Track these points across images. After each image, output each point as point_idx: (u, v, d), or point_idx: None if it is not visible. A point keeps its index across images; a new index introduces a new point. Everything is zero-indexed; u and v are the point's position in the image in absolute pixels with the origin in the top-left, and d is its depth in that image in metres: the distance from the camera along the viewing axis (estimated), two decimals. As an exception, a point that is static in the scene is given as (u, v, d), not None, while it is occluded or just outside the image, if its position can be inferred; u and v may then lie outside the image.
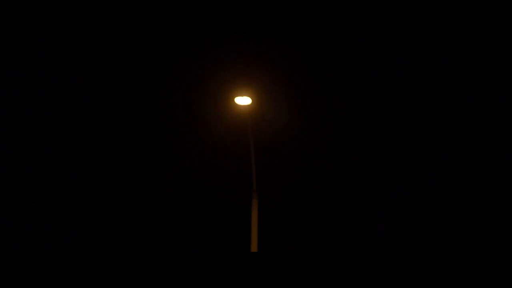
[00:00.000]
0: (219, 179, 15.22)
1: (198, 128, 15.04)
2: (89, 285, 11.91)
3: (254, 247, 11.85)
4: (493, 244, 13.92)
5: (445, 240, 14.29)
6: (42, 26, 12.94)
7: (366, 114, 15.12)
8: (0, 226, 14.36)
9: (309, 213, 15.14)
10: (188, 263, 12.21)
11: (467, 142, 14.67)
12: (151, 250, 14.50)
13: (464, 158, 14.66)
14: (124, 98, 15.08)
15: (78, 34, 14.12)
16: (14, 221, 14.47)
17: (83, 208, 14.92)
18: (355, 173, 15.24)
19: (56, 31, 13.10)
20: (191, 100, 14.80)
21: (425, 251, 13.82)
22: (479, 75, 14.56)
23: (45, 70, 14.84)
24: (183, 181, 15.30)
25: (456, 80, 14.76)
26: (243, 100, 12.15)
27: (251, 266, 11.60)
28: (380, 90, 14.95)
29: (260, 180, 12.49)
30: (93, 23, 12.99)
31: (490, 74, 14.44)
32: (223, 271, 11.88)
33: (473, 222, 14.24)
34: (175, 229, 15.10)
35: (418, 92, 14.99)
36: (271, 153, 14.83)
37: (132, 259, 12.35)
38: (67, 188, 14.96)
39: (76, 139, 15.11)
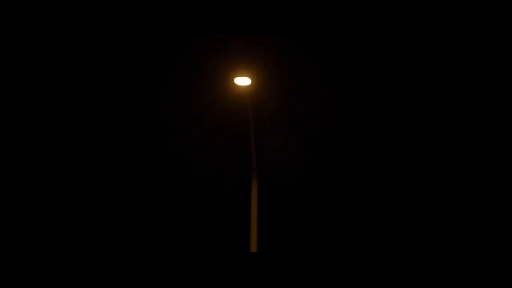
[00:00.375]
0: (218, 161, 15.13)
1: (196, 109, 14.91)
2: (88, 285, 11.90)
3: (253, 229, 11.81)
4: (493, 244, 13.91)
5: (445, 240, 14.29)
6: (42, 26, 12.94)
7: (367, 101, 15.07)
8: (0, 226, 14.37)
9: (309, 203, 15.10)
10: (186, 260, 12.21)
11: (467, 141, 14.66)
12: (148, 242, 14.51)
13: (464, 158, 14.66)
14: (122, 79, 15.02)
15: (78, 34, 14.12)
16: (14, 221, 14.47)
17: (77, 191, 14.89)
18: (356, 161, 15.16)
19: (56, 31, 13.10)
20: (190, 81, 14.68)
21: (425, 251, 13.81)
22: (479, 74, 14.56)
23: (45, 70, 14.84)
24: (180, 164, 15.21)
25: (456, 80, 14.76)
26: (242, 81, 12.02)
27: (251, 265, 11.60)
28: (382, 79, 14.92)
29: (260, 162, 12.45)
30: (93, 23, 12.99)
31: (490, 74, 14.44)
32: (222, 265, 11.87)
33: (473, 222, 14.24)
34: (172, 214, 15.04)
35: (420, 90, 14.99)
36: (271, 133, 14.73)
37: (130, 257, 12.34)
38: (62, 183, 14.95)
39: (73, 127, 15.07)
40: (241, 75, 11.93)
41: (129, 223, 14.94)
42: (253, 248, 11.81)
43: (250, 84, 12.08)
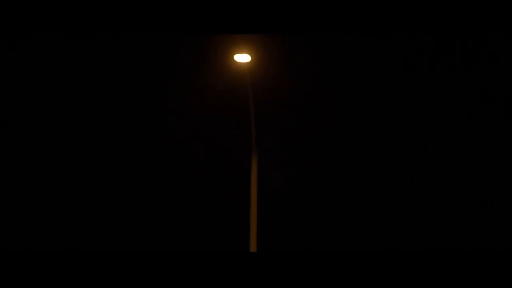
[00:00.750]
0: (218, 138, 15.00)
1: (195, 87, 14.76)
2: (85, 285, 11.90)
3: (253, 204, 11.75)
4: (493, 244, 13.91)
5: (445, 240, 14.29)
6: (42, 26, 12.94)
7: (367, 96, 15.00)
8: (0, 226, 14.37)
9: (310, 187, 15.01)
10: (184, 258, 12.20)
11: (467, 141, 14.66)
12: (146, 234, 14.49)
13: (464, 158, 14.65)
14: (121, 56, 14.93)
15: (78, 34, 14.12)
16: (14, 221, 14.47)
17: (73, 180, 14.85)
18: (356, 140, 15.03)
19: (56, 31, 13.10)
20: (190, 58, 14.53)
21: (425, 251, 13.81)
22: (479, 74, 14.56)
23: (45, 70, 14.84)
24: (179, 142, 15.09)
25: (456, 79, 14.76)
26: (242, 58, 11.90)
27: (250, 263, 11.59)
28: (382, 78, 14.88)
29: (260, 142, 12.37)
30: (93, 23, 12.98)
31: (489, 73, 14.44)
32: (220, 263, 11.86)
33: (473, 222, 14.24)
34: (171, 195, 14.97)
35: (420, 90, 14.99)
36: (271, 109, 14.61)
37: (129, 256, 12.33)
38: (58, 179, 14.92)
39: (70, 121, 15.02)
40: (241, 52, 11.81)
41: (126, 214, 14.92)
42: (253, 226, 11.76)
43: (250, 61, 11.96)
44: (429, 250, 14.03)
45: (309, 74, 14.81)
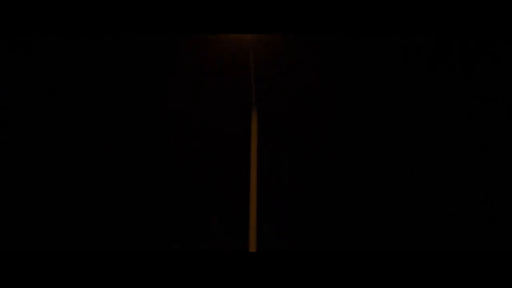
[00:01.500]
0: (217, 96, 14.79)
1: (194, 45, 14.57)
2: (85, 285, 11.90)
3: (253, 165, 11.66)
4: (493, 244, 13.91)
5: (445, 240, 14.28)
6: (42, 26, 12.95)
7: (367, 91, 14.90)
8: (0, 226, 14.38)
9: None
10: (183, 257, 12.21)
11: (467, 141, 14.66)
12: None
13: (464, 158, 14.65)
14: (121, 56, 14.86)
15: (78, 34, 14.13)
16: (14, 221, 14.48)
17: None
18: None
19: (56, 31, 13.11)
20: (191, 23, 14.36)
21: (425, 251, 13.80)
22: (479, 74, 14.56)
23: (45, 70, 14.85)
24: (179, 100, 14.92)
25: (456, 79, 14.76)
26: None
27: (250, 264, 11.59)
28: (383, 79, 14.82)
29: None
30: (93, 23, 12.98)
31: (489, 73, 14.45)
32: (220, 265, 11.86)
33: (473, 222, 14.23)
34: (168, 192, 14.91)
35: (420, 90, 14.99)
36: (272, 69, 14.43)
37: (127, 255, 12.34)
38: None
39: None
40: None
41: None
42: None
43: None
44: (429, 250, 14.03)
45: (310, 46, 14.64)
